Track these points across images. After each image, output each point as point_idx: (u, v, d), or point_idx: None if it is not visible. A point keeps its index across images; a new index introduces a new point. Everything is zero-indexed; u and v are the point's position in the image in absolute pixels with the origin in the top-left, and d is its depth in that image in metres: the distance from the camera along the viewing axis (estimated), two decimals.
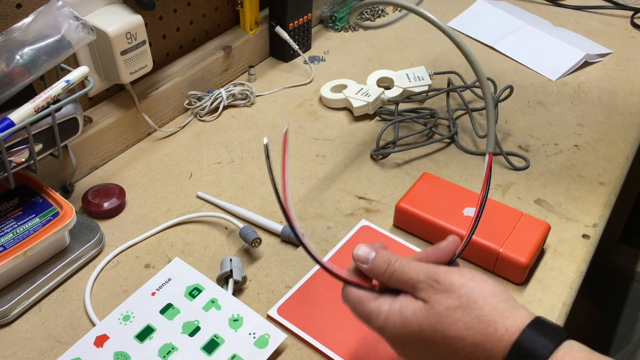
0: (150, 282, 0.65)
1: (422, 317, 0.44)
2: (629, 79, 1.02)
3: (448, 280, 0.44)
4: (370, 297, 0.48)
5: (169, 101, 0.90)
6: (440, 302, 0.44)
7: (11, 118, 0.60)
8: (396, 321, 0.45)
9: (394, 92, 0.96)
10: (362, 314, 0.48)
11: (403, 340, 0.46)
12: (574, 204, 0.77)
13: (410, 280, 0.46)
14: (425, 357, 0.46)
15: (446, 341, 0.43)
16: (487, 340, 0.42)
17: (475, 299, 0.43)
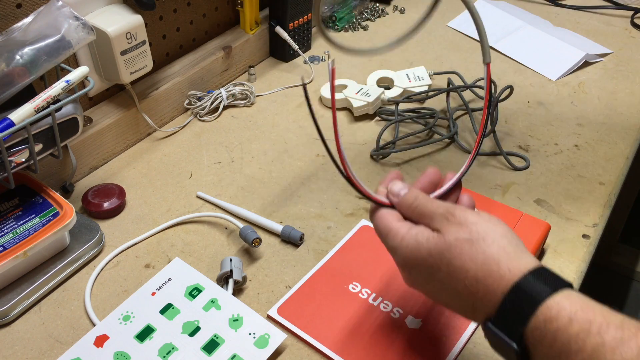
0: (150, 282, 0.65)
1: (433, 243, 0.46)
2: (629, 79, 1.02)
3: (463, 215, 0.46)
4: (395, 217, 0.50)
5: (169, 101, 0.90)
6: (452, 232, 0.46)
7: (11, 118, 0.60)
8: (409, 244, 0.48)
9: (394, 92, 0.96)
10: (383, 229, 0.50)
11: (412, 263, 0.48)
12: (574, 204, 0.77)
13: (430, 212, 0.48)
14: (429, 284, 0.48)
15: (450, 269, 0.45)
16: (489, 277, 0.43)
17: (484, 236, 0.45)
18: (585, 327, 0.39)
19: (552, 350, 0.40)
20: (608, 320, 0.39)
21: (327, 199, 0.78)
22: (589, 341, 0.38)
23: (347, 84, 0.96)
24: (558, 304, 0.41)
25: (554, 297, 0.41)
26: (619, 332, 0.38)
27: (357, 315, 0.62)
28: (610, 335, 0.38)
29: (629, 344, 0.37)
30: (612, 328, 0.38)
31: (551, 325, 0.40)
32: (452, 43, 1.14)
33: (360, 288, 0.65)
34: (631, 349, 0.37)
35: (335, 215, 0.75)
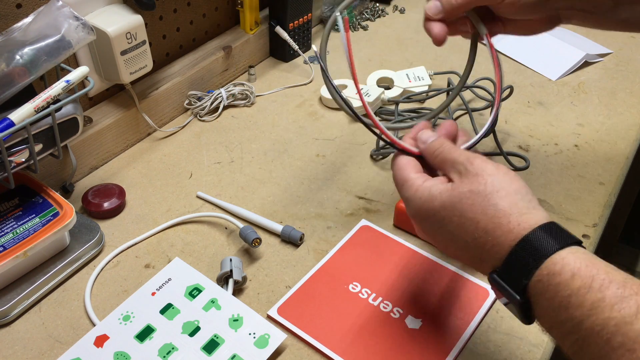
0: (150, 282, 0.65)
1: (446, 195, 0.47)
2: (629, 79, 1.02)
3: (481, 166, 0.47)
4: (413, 168, 0.52)
5: (169, 101, 0.90)
6: (466, 184, 0.46)
7: (11, 118, 0.60)
8: (423, 195, 0.49)
9: (394, 92, 0.96)
10: (400, 179, 0.51)
11: (423, 214, 0.49)
12: (574, 204, 0.77)
13: (451, 160, 0.49)
14: (439, 234, 0.49)
15: (462, 221, 0.46)
16: (498, 229, 0.44)
17: (498, 189, 0.45)
18: (587, 283, 0.40)
19: (552, 302, 0.41)
20: (611, 278, 0.40)
21: (327, 199, 0.78)
22: (589, 296, 0.39)
23: (347, 84, 0.96)
24: (563, 259, 0.41)
25: (560, 252, 0.42)
26: (620, 290, 0.39)
27: (357, 315, 0.62)
28: (611, 292, 0.39)
29: (628, 301, 0.38)
30: (614, 285, 0.39)
31: (554, 279, 0.41)
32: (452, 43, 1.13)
33: (360, 288, 0.65)
34: (630, 307, 0.38)
35: (335, 215, 0.75)
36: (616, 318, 0.38)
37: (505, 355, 0.59)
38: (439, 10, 0.60)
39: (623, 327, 0.37)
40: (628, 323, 0.37)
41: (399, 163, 0.53)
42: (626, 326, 0.37)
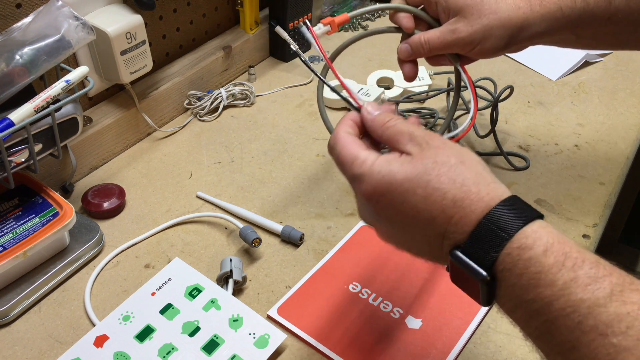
0: (150, 282, 0.65)
1: (409, 167, 0.44)
2: (629, 79, 1.02)
3: (442, 140, 0.45)
4: (361, 145, 0.47)
5: (169, 101, 0.90)
6: (430, 155, 0.44)
7: (11, 118, 0.60)
8: (382, 169, 0.45)
9: (394, 92, 0.96)
10: (348, 156, 0.47)
11: (383, 189, 0.44)
12: (574, 204, 0.77)
13: (408, 133, 0.46)
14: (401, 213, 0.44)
15: (427, 192, 0.43)
16: (467, 198, 0.42)
17: (463, 160, 0.43)
18: (560, 260, 0.38)
19: (520, 279, 0.39)
20: (583, 257, 0.38)
21: (327, 199, 0.78)
22: (561, 275, 0.37)
23: (347, 84, 0.96)
24: (535, 232, 0.39)
25: (531, 225, 0.40)
26: (593, 270, 0.37)
27: (357, 315, 0.62)
28: (584, 272, 0.37)
29: (602, 282, 0.36)
30: (587, 265, 0.37)
31: (525, 253, 0.39)
32: None
33: (360, 288, 0.65)
34: (603, 288, 0.36)
35: (335, 215, 0.75)
36: (589, 300, 0.36)
37: (506, 355, 0.59)
38: (409, 54, 0.65)
39: (596, 309, 0.35)
40: (601, 305, 0.35)
41: (342, 141, 0.48)
42: (599, 309, 0.35)
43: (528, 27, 0.60)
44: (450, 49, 0.63)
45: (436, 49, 0.63)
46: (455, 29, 0.61)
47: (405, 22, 0.65)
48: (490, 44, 0.61)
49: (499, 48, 0.61)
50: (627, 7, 0.58)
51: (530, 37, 0.60)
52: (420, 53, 0.64)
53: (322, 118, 0.64)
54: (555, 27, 0.60)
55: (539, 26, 0.59)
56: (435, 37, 0.62)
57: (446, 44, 0.62)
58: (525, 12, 0.59)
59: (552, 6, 0.59)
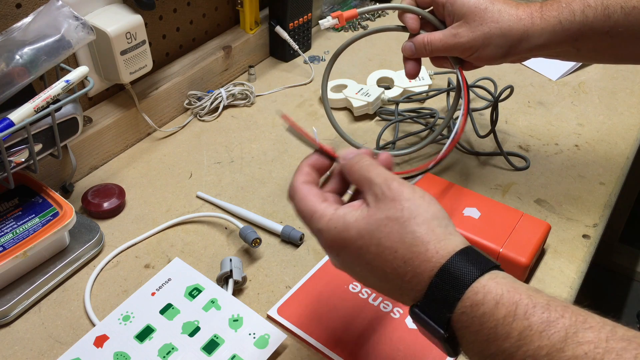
0: (150, 282, 0.65)
1: (363, 223, 0.44)
2: (629, 79, 1.02)
3: (399, 190, 0.44)
4: (319, 198, 0.48)
5: (169, 101, 0.90)
6: (383, 210, 0.44)
7: (11, 118, 0.60)
8: (338, 224, 0.45)
9: (394, 92, 0.96)
10: (307, 211, 0.47)
11: (339, 245, 0.45)
12: (574, 204, 0.77)
13: (368, 179, 0.46)
14: (357, 266, 0.45)
15: (379, 250, 0.43)
16: (416, 258, 0.42)
17: (415, 215, 0.43)
18: (512, 310, 0.38)
19: (479, 335, 0.39)
20: (534, 301, 0.38)
21: None
22: (516, 325, 0.37)
23: (347, 84, 0.96)
24: (484, 287, 0.40)
25: (480, 280, 0.40)
26: (545, 314, 0.37)
27: (357, 315, 0.62)
28: (537, 317, 0.37)
29: (555, 325, 0.36)
30: (539, 309, 0.37)
31: (478, 310, 0.39)
32: None
33: (360, 288, 0.65)
34: (558, 331, 0.36)
35: None
36: (547, 346, 0.36)
37: None
38: (412, 52, 0.68)
39: (555, 355, 0.36)
40: (559, 350, 0.36)
41: (300, 194, 0.48)
42: (557, 354, 0.35)
43: (528, 38, 0.61)
44: (451, 52, 0.65)
45: (437, 50, 0.65)
46: (457, 33, 0.63)
47: (411, 22, 0.67)
48: (489, 52, 0.63)
49: (497, 56, 0.63)
50: (626, 20, 0.58)
51: (530, 48, 0.62)
52: (423, 53, 0.67)
53: None
54: (555, 40, 0.60)
55: (539, 39, 0.61)
56: (438, 39, 0.65)
57: (447, 46, 0.64)
58: (526, 24, 0.60)
59: (552, 20, 0.60)
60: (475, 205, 0.70)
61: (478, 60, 0.65)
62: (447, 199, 0.71)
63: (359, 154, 0.49)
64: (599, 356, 0.34)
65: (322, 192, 0.49)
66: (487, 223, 0.68)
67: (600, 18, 0.59)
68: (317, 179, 0.50)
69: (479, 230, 0.67)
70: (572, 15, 0.59)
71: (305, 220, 0.48)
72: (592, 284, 1.74)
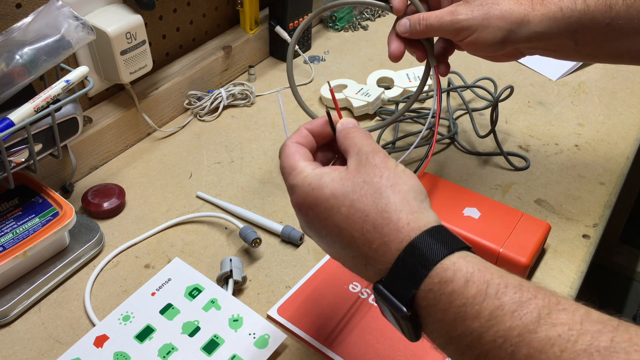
0: (150, 282, 0.65)
1: (339, 184, 0.44)
2: (629, 79, 1.02)
3: (382, 159, 0.44)
4: (303, 156, 0.48)
5: (169, 101, 0.90)
6: (362, 173, 0.43)
7: (11, 118, 0.60)
8: (312, 182, 0.45)
9: (394, 92, 0.96)
10: (287, 166, 0.48)
11: (310, 202, 0.45)
12: (574, 204, 0.77)
13: (357, 145, 0.46)
14: (325, 228, 0.44)
15: (351, 212, 0.42)
16: (386, 226, 0.41)
17: (393, 184, 0.42)
18: (483, 289, 0.36)
19: (446, 315, 0.37)
20: (506, 282, 0.37)
21: None
22: (487, 304, 0.36)
23: (347, 84, 0.96)
24: (454, 264, 0.38)
25: (450, 257, 0.39)
26: (517, 294, 0.36)
27: (358, 315, 0.62)
28: (509, 297, 0.36)
29: (528, 306, 0.35)
30: (511, 289, 0.36)
31: (446, 287, 0.38)
32: None
33: (360, 288, 0.65)
34: (530, 312, 0.35)
35: None
36: (518, 327, 0.34)
37: None
38: (406, 29, 0.63)
39: (527, 336, 0.34)
40: (531, 332, 0.34)
41: (287, 150, 0.49)
42: (530, 335, 0.34)
43: (527, 23, 0.59)
44: (447, 30, 0.61)
45: (432, 28, 0.61)
46: (455, 11, 0.60)
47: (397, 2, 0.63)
48: (487, 34, 0.60)
49: (495, 41, 0.60)
50: (628, 13, 0.58)
51: (529, 37, 0.60)
52: (416, 30, 0.62)
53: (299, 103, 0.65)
54: (554, 28, 0.59)
55: (539, 25, 0.59)
56: (434, 15, 0.61)
57: (444, 23, 0.60)
58: (526, 9, 0.59)
59: (552, 6, 0.59)
60: (475, 205, 0.70)
61: (474, 46, 0.61)
62: (447, 199, 0.71)
63: (356, 126, 0.49)
64: (572, 338, 0.33)
65: (309, 154, 0.49)
66: (487, 223, 0.68)
67: (602, 8, 0.58)
68: (312, 143, 0.51)
69: (479, 230, 0.67)
70: (573, 3, 0.58)
71: (284, 176, 0.48)
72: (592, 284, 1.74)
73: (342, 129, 0.49)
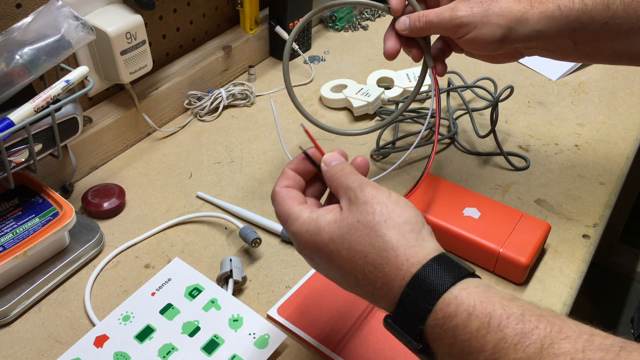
0: (150, 282, 0.65)
1: (334, 227, 0.44)
2: (629, 79, 1.02)
3: (372, 193, 0.44)
4: (296, 200, 0.48)
5: (169, 101, 0.90)
6: (355, 213, 0.44)
7: (11, 118, 0.60)
8: (310, 228, 0.45)
9: (394, 92, 0.96)
10: (283, 214, 0.48)
11: (312, 248, 0.45)
12: (574, 204, 0.77)
13: (345, 186, 0.46)
14: (331, 270, 0.45)
15: (350, 254, 0.43)
16: (386, 264, 0.41)
17: (386, 218, 0.43)
18: (485, 322, 0.37)
19: (453, 348, 0.38)
20: (508, 312, 0.37)
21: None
22: (490, 337, 0.37)
23: (347, 84, 0.96)
24: (456, 298, 0.39)
25: (451, 290, 0.39)
26: (519, 325, 0.36)
27: (357, 315, 0.62)
28: (511, 329, 0.36)
29: (530, 337, 0.36)
30: (513, 320, 0.37)
31: (450, 322, 0.38)
32: None
33: None
34: (533, 343, 0.35)
35: None
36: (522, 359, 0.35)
37: None
38: (405, 27, 0.63)
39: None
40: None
41: (278, 198, 0.48)
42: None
43: (526, 21, 0.59)
44: (446, 27, 0.61)
45: (431, 25, 0.61)
46: (455, 7, 0.60)
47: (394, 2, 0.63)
48: (487, 31, 0.59)
49: (495, 38, 0.60)
50: (625, 12, 0.58)
51: (528, 35, 0.59)
52: (416, 27, 0.62)
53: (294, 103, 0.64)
54: (553, 27, 0.59)
55: (537, 23, 0.59)
56: (433, 12, 0.61)
57: (443, 20, 0.60)
58: (525, 7, 0.59)
59: (551, 5, 0.59)
60: (475, 205, 0.70)
61: (473, 43, 0.61)
62: (447, 199, 0.71)
63: (340, 163, 0.49)
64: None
65: (301, 195, 0.49)
66: (487, 223, 0.68)
67: (599, 7, 0.58)
68: (300, 183, 0.50)
69: (479, 230, 0.67)
70: (571, 2, 0.58)
71: (282, 223, 0.48)
72: (592, 284, 1.74)
73: (327, 170, 0.49)
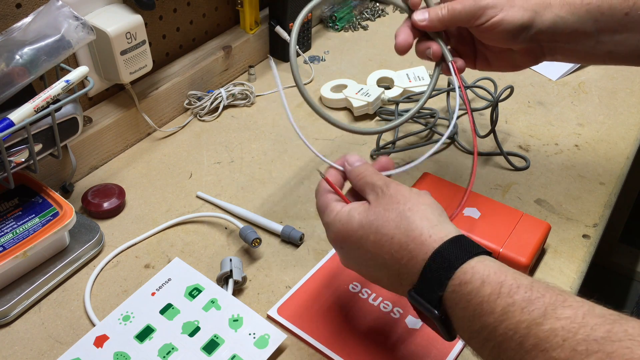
0: (150, 282, 0.65)
1: (364, 215, 0.50)
2: (629, 79, 1.02)
3: (397, 189, 0.51)
4: (334, 198, 0.54)
5: (169, 101, 0.90)
6: (382, 203, 0.50)
7: (11, 118, 0.60)
8: (342, 218, 0.51)
9: (394, 92, 0.96)
10: (321, 206, 0.54)
11: (343, 235, 0.51)
12: (574, 204, 0.77)
13: (371, 183, 0.52)
14: (360, 257, 0.51)
15: (378, 237, 0.48)
16: (412, 242, 0.46)
17: (410, 206, 0.48)
18: (496, 289, 0.41)
19: (466, 312, 0.43)
20: (518, 282, 0.41)
21: None
22: (500, 302, 0.41)
23: (347, 84, 0.96)
24: (473, 267, 0.43)
25: (469, 262, 0.44)
26: (527, 293, 0.40)
27: (357, 315, 0.62)
28: (520, 296, 0.40)
29: (536, 303, 0.39)
30: (522, 289, 0.41)
31: (466, 287, 0.43)
32: None
33: (360, 288, 0.65)
34: (538, 308, 0.39)
35: None
36: (527, 320, 0.39)
37: None
38: (424, 18, 0.62)
39: (534, 328, 0.38)
40: (538, 324, 0.38)
41: (322, 192, 0.55)
42: (537, 327, 0.38)
43: (549, 6, 0.58)
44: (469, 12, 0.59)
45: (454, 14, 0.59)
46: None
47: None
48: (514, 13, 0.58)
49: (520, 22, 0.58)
50: None
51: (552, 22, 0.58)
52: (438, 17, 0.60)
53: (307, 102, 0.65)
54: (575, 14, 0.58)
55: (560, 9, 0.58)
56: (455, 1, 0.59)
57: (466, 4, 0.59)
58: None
59: None
60: (475, 205, 0.70)
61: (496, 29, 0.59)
62: (447, 199, 0.71)
63: (363, 164, 0.55)
64: (574, 329, 0.37)
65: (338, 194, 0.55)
66: (487, 223, 0.68)
67: None
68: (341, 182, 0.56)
69: (479, 230, 0.67)
70: None
71: (320, 214, 0.55)
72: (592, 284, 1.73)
73: (351, 170, 0.55)
